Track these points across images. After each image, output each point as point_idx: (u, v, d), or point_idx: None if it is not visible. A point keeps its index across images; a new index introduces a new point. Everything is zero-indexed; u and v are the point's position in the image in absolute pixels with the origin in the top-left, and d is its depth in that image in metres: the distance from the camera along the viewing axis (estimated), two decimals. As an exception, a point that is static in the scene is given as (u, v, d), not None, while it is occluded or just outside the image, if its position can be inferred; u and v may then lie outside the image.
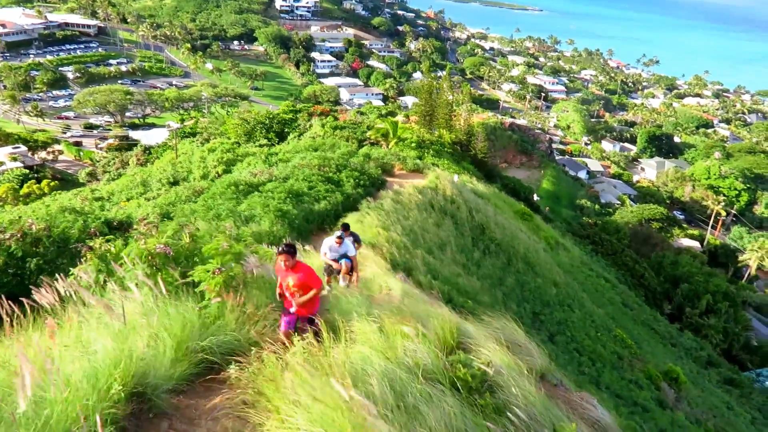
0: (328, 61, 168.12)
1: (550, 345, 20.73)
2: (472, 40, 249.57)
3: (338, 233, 11.32)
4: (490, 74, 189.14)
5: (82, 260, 7.96)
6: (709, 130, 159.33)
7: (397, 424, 4.39)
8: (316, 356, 5.26)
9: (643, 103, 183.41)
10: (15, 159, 66.91)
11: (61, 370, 4.54)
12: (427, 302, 9.07)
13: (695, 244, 77.41)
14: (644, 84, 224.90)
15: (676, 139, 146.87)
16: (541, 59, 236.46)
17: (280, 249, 6.69)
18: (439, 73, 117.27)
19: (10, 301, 5.69)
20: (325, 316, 7.26)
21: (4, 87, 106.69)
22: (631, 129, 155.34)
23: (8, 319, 5.57)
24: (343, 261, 11.15)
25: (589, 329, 26.61)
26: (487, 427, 4.97)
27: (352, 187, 25.62)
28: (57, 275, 6.57)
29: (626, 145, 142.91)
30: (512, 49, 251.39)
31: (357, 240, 12.59)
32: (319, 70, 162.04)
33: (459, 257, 23.87)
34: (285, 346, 6.11)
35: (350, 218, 20.90)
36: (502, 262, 27.59)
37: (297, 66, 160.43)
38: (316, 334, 6.32)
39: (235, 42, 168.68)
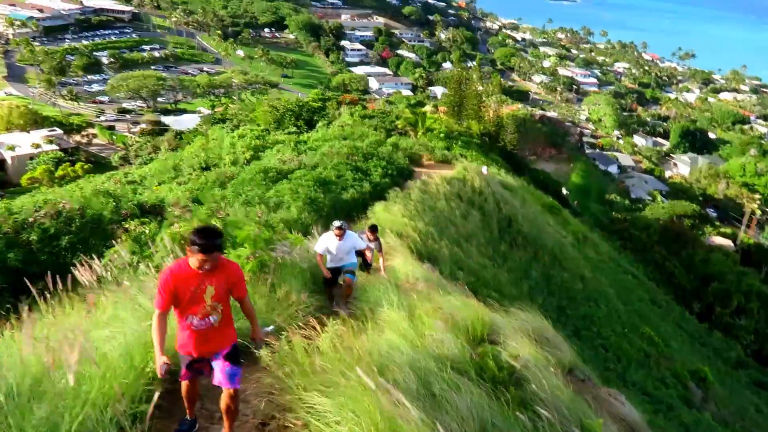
0: (358, 49, 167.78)
1: (575, 340, 20.59)
2: (504, 30, 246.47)
3: (337, 223, 8.32)
4: (521, 65, 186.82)
5: (115, 241, 8.15)
6: (746, 127, 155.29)
7: (424, 413, 4.42)
8: (345, 342, 5.31)
9: (677, 98, 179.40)
10: (51, 142, 68.26)
11: (99, 348, 4.67)
12: (454, 292, 9.07)
13: (728, 242, 75.80)
14: (679, 78, 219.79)
15: (711, 135, 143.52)
16: (574, 51, 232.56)
17: (196, 240, 4.04)
18: (469, 64, 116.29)
19: (45, 278, 5.85)
20: (353, 304, 7.31)
21: (41, 71, 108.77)
22: (665, 123, 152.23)
23: (46, 296, 5.73)
24: (345, 275, 8.46)
25: (616, 325, 26.34)
26: (513, 419, 4.98)
27: (379, 177, 25.64)
28: (90, 255, 6.74)
29: (659, 139, 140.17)
30: (544, 40, 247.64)
31: (380, 248, 10.88)
32: (348, 59, 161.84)
33: (485, 249, 23.77)
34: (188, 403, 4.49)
35: (377, 207, 20.96)
36: (528, 255, 27.42)
37: (327, 54, 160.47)
38: (233, 400, 4.32)
39: (266, 29, 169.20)
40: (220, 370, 4.30)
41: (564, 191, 65.83)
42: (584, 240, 40.37)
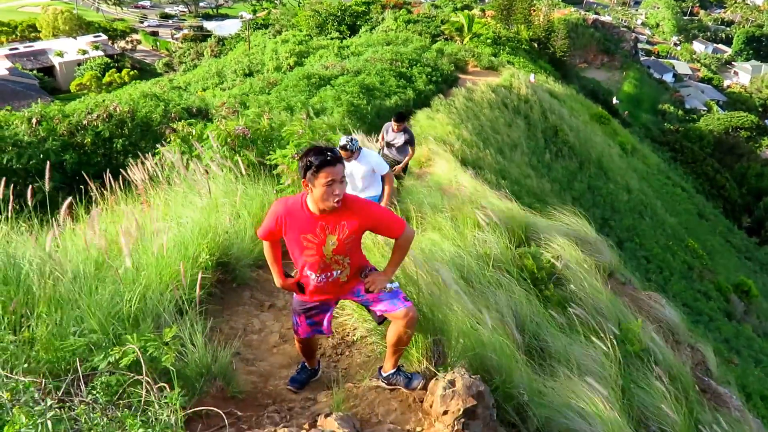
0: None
1: (617, 251, 20.54)
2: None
3: (343, 141, 6.09)
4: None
5: (165, 142, 8.34)
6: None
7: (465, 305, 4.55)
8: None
9: (744, 0, 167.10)
10: (96, 48, 68.49)
11: (153, 240, 4.90)
12: (497, 197, 9.07)
13: (786, 156, 72.66)
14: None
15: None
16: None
17: (312, 159, 2.95)
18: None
19: (101, 178, 6.10)
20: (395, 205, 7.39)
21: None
22: (728, 29, 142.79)
23: (103, 194, 5.99)
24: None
25: (660, 237, 26.08)
26: (552, 315, 5.09)
27: (424, 83, 25.18)
28: (142, 156, 6.94)
29: (720, 46, 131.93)
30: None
31: (411, 140, 8.93)
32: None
33: (530, 158, 23.48)
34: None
35: (420, 114, 20.71)
36: (574, 166, 27.00)
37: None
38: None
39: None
40: (373, 298, 3.29)
41: (614, 101, 63.48)
42: (633, 151, 39.31)
